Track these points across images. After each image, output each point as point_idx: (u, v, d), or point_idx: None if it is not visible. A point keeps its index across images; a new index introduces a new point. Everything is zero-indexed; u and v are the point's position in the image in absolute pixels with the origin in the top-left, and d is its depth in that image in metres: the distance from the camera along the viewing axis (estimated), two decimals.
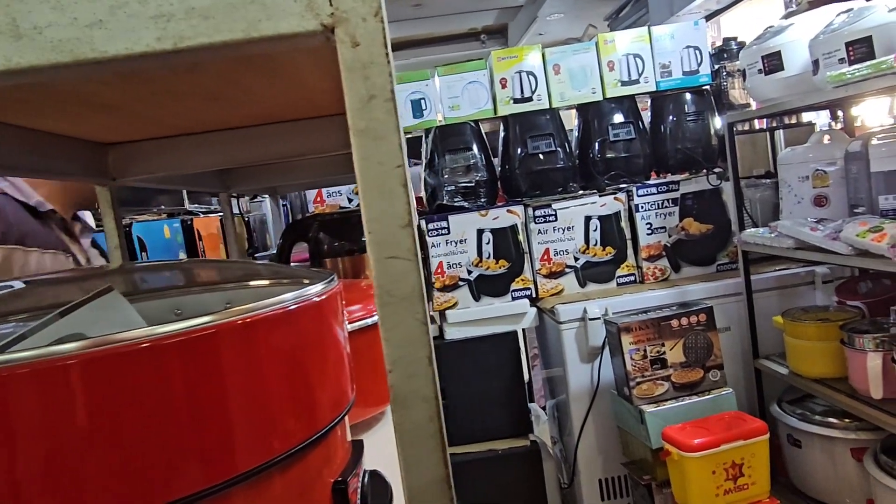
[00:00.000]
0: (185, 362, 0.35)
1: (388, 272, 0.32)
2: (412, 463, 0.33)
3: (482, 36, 8.50)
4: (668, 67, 2.45)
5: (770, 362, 2.10)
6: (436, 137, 2.45)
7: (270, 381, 0.40)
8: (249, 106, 0.70)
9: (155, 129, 0.82)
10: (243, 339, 0.40)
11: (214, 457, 0.36)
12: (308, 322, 0.42)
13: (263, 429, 0.38)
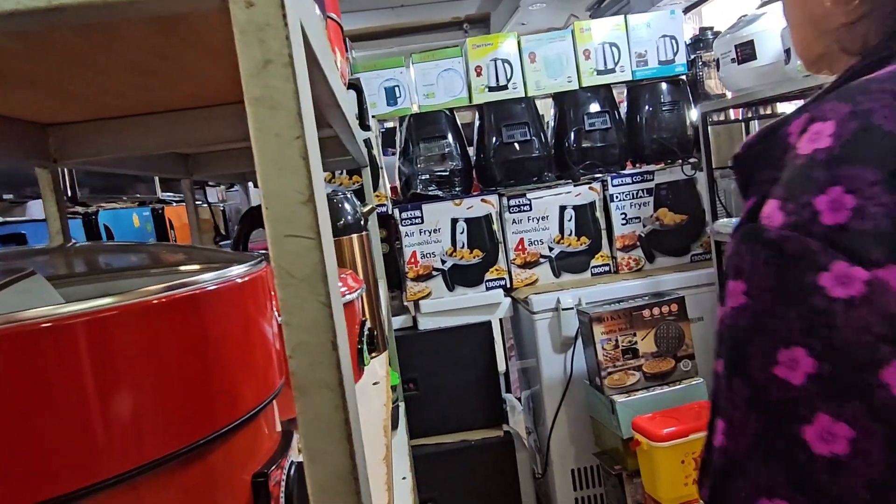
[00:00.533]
0: (76, 346, 0.33)
1: (287, 251, 0.30)
2: (316, 455, 0.31)
3: (465, 25, 8.45)
4: (644, 57, 2.44)
5: None
6: (410, 125, 2.42)
7: (176, 367, 0.37)
8: (189, 84, 0.67)
9: (95, 110, 0.78)
10: (147, 321, 0.37)
11: (111, 446, 0.34)
12: (225, 305, 0.40)
13: (166, 418, 0.36)
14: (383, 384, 0.94)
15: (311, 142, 0.32)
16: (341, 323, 0.34)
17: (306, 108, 0.32)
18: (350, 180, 2.31)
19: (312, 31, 0.42)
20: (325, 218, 0.33)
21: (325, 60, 0.52)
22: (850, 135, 0.45)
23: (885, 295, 0.41)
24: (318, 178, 0.33)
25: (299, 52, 0.32)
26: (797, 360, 0.43)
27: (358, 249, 1.13)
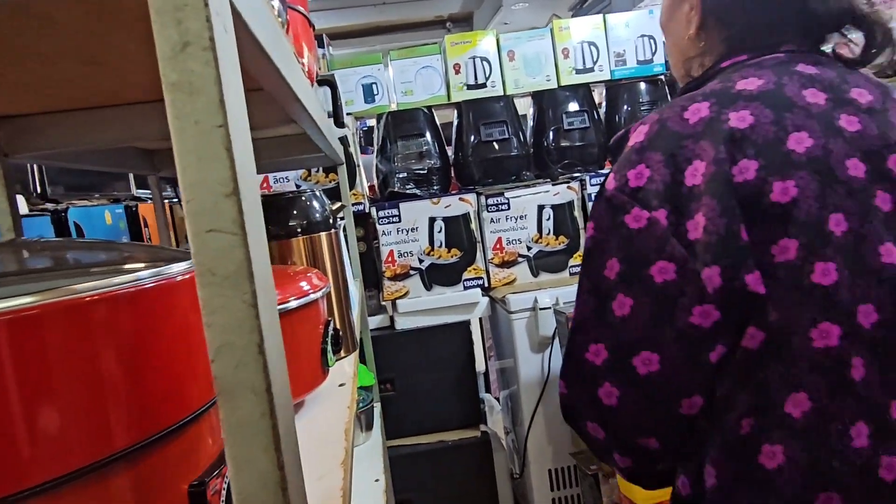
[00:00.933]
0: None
1: (209, 247, 0.28)
2: (241, 463, 0.29)
3: (448, 24, 8.43)
4: (622, 56, 2.44)
5: None
6: (388, 123, 2.40)
7: (104, 369, 0.35)
8: (139, 75, 0.65)
9: (46, 102, 0.76)
10: (71, 321, 0.35)
11: (34, 454, 0.32)
12: (160, 304, 0.38)
13: (94, 423, 0.34)
14: (349, 385, 0.92)
15: (237, 131, 0.30)
16: (272, 324, 0.32)
17: (232, 96, 0.30)
18: (326, 178, 2.28)
19: (253, 18, 0.40)
20: (255, 212, 0.31)
21: (274, 50, 0.49)
22: (653, 133, 0.72)
23: (655, 225, 0.69)
24: (246, 171, 0.31)
25: (225, 36, 0.30)
26: (612, 265, 0.71)
27: (326, 247, 1.11)
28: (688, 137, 0.69)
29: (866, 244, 0.65)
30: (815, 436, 0.64)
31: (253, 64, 0.49)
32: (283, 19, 0.74)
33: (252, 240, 0.30)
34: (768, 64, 0.76)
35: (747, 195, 0.66)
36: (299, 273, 0.88)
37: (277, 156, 1.56)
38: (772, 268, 0.66)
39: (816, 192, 0.66)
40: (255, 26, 0.41)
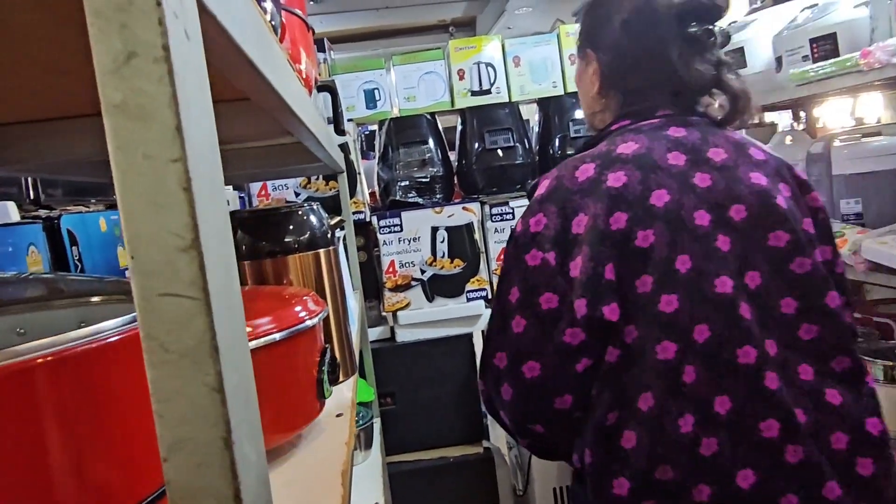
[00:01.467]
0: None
1: (160, 316, 0.22)
2: None
3: (451, 28, 8.38)
4: None
5: None
6: (390, 130, 2.33)
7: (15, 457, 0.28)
8: None
9: (19, 113, 0.69)
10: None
11: None
12: (90, 372, 0.31)
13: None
14: (347, 416, 0.85)
15: (200, 166, 0.24)
16: (245, 410, 0.26)
17: (195, 121, 0.24)
18: (326, 186, 2.22)
19: (232, 19, 0.34)
20: (222, 269, 0.25)
21: (261, 57, 0.43)
22: (552, 188, 0.91)
23: (546, 264, 0.87)
24: (211, 216, 0.24)
25: (186, 44, 0.24)
26: (514, 292, 0.90)
27: (325, 266, 1.04)
28: (576, 193, 0.89)
29: (705, 278, 0.85)
30: (656, 424, 0.84)
31: (235, 72, 0.43)
32: (277, 23, 0.68)
33: (219, 305, 0.24)
34: (645, 129, 0.93)
35: (619, 240, 0.85)
36: (294, 296, 0.81)
37: (275, 165, 1.50)
38: (634, 297, 0.85)
39: (668, 239, 0.85)
40: (234, 29, 0.35)
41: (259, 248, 1.00)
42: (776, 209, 0.88)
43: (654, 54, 0.94)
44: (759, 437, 0.83)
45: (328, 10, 6.67)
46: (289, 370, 0.73)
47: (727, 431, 0.83)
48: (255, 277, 1.00)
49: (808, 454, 0.83)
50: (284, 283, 1.00)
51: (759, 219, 0.87)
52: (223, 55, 0.37)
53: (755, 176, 0.89)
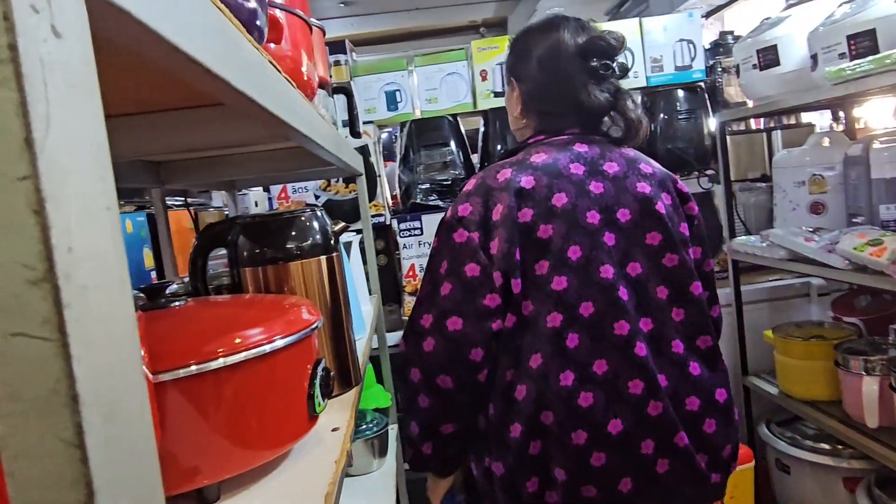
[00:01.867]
0: None
1: (10, 359, 0.19)
2: None
3: (481, 29, 8.32)
4: (659, 62, 2.30)
5: (759, 380, 1.96)
6: (411, 131, 2.31)
7: None
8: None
9: None
10: None
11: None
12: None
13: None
14: (343, 431, 0.82)
15: (62, 184, 0.20)
16: (129, 467, 0.22)
17: (59, 132, 0.20)
18: (346, 188, 2.20)
19: (159, 16, 0.31)
20: (108, 302, 0.22)
21: (219, 60, 0.40)
22: (477, 185, 1.10)
23: (472, 241, 1.05)
24: (85, 241, 0.21)
25: (52, 43, 0.21)
26: (443, 265, 1.07)
27: (326, 273, 1.01)
28: (496, 189, 1.07)
29: (592, 265, 1.05)
30: (542, 379, 1.04)
31: (188, 76, 0.40)
32: (263, 23, 0.65)
33: (82, 346, 0.20)
34: (555, 144, 1.13)
35: (524, 230, 1.05)
36: (284, 307, 0.78)
37: (287, 168, 1.48)
38: (533, 278, 1.05)
39: (563, 233, 1.05)
40: (165, 28, 0.32)
41: (259, 255, 0.97)
42: (655, 213, 1.08)
43: (562, 84, 1.13)
44: (627, 394, 1.04)
45: (358, 13, 6.69)
46: (273, 385, 0.70)
47: (602, 388, 1.03)
48: (255, 285, 0.97)
49: (666, 410, 1.04)
50: (285, 291, 0.98)
51: (641, 221, 1.08)
52: (160, 58, 0.34)
53: (641, 186, 1.10)
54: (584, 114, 1.13)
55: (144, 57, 0.34)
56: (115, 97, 0.59)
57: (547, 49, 1.14)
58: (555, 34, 1.14)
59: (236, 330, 0.67)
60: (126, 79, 0.53)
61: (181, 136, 0.76)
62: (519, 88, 1.19)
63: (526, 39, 1.20)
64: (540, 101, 1.16)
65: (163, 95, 0.63)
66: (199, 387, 0.66)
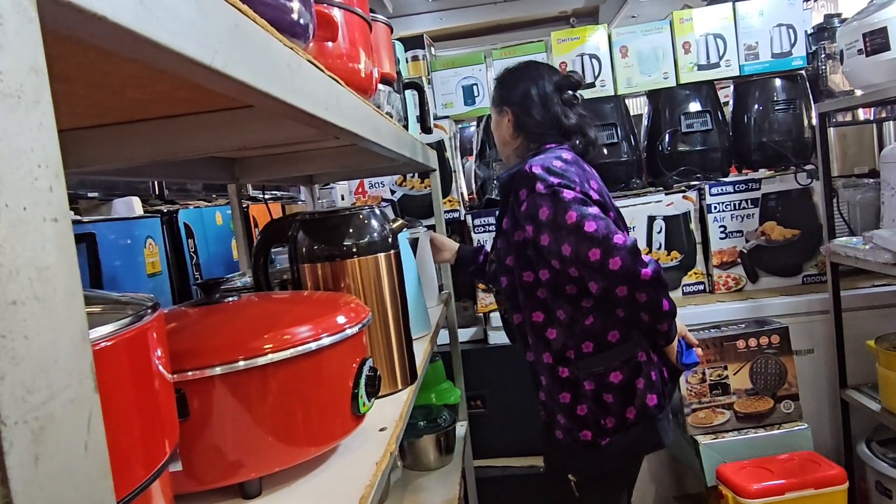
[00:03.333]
0: None
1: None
2: None
3: (572, 19, 8.14)
4: (754, 49, 2.15)
5: (860, 394, 1.80)
6: (487, 126, 2.27)
7: None
8: (134, 90, 0.58)
9: (87, 117, 0.71)
10: None
11: None
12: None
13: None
14: (391, 432, 0.82)
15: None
16: (44, 486, 0.22)
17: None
18: (422, 183, 2.20)
19: (149, 22, 0.30)
20: (18, 319, 0.21)
21: (236, 63, 0.40)
22: (567, 160, 1.39)
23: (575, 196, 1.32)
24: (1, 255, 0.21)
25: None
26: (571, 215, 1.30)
27: (385, 270, 1.01)
28: (571, 164, 1.36)
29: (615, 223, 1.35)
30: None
31: (200, 80, 0.40)
32: (307, 21, 0.64)
33: (2, 363, 0.20)
34: (557, 148, 1.44)
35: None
36: (333, 305, 0.79)
37: (358, 163, 1.49)
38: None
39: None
40: (162, 34, 0.31)
41: (316, 252, 0.98)
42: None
43: (546, 109, 1.46)
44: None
45: (446, 7, 6.71)
46: (317, 383, 0.70)
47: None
48: (312, 281, 0.98)
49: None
50: (342, 288, 0.98)
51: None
52: (157, 61, 0.34)
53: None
54: (562, 132, 1.46)
55: (144, 61, 0.34)
56: (142, 99, 0.60)
57: (532, 81, 1.48)
58: (535, 72, 1.50)
59: (282, 328, 0.68)
60: (160, 81, 0.54)
61: (211, 138, 0.77)
62: (511, 113, 1.49)
63: (513, 77, 1.53)
64: (526, 126, 1.47)
65: (197, 97, 0.64)
66: (244, 382, 0.67)
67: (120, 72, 0.49)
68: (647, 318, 1.27)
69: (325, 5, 0.83)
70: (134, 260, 1.72)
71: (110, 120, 0.75)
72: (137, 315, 0.40)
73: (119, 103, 0.62)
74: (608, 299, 1.28)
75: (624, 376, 1.31)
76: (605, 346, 1.32)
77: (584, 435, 1.34)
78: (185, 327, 0.73)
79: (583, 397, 1.34)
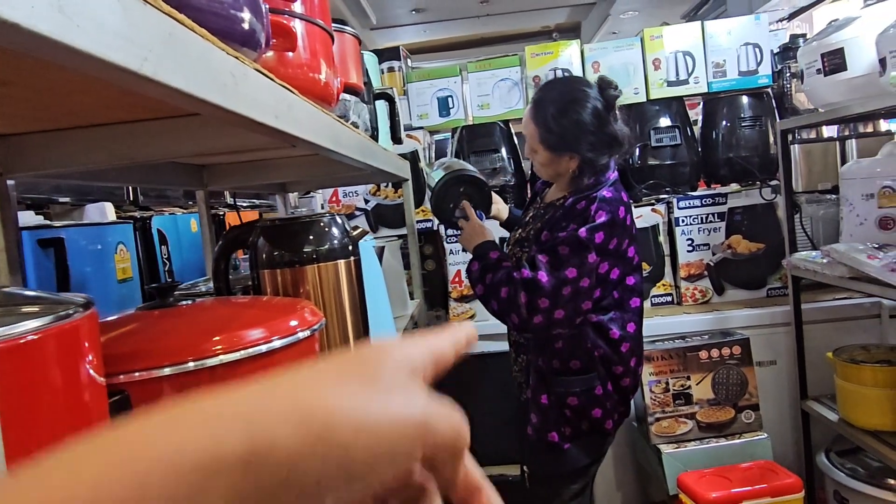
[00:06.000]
0: None
1: None
2: None
3: (554, 34, 8.24)
4: (722, 67, 2.21)
5: (820, 405, 1.83)
6: (462, 138, 2.31)
7: None
8: (81, 96, 0.59)
9: (37, 123, 0.73)
10: None
11: None
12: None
13: None
14: None
15: None
16: None
17: None
18: (395, 193, 2.22)
19: (69, 30, 0.32)
20: None
21: (171, 72, 0.41)
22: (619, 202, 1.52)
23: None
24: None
25: None
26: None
27: (345, 276, 1.03)
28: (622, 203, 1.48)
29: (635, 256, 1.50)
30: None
31: (120, 81, 0.41)
32: (259, 29, 0.66)
33: None
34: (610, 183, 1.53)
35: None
36: (286, 309, 0.80)
37: (327, 172, 1.51)
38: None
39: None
40: (59, 30, 0.33)
41: (276, 258, 1.00)
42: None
43: (603, 134, 1.49)
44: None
45: (430, 20, 6.77)
46: None
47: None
48: (272, 287, 1.00)
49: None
50: (301, 294, 1.00)
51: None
52: (86, 69, 0.36)
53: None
54: (617, 144, 1.51)
55: (71, 68, 0.36)
56: (93, 104, 0.62)
57: (590, 118, 1.48)
58: (584, 101, 1.49)
59: (233, 330, 0.69)
60: (106, 87, 0.56)
61: (165, 144, 0.78)
62: (579, 159, 1.48)
63: (567, 120, 1.49)
64: (594, 161, 1.49)
65: (148, 103, 0.65)
66: (193, 384, 0.68)
67: (61, 77, 0.50)
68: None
69: (284, 16, 0.85)
70: (104, 266, 1.71)
71: (65, 125, 0.77)
72: (65, 314, 0.42)
73: (71, 108, 0.64)
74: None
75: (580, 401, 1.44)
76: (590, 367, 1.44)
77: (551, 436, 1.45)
78: (137, 330, 0.74)
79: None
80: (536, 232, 1.50)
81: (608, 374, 1.43)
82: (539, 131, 1.51)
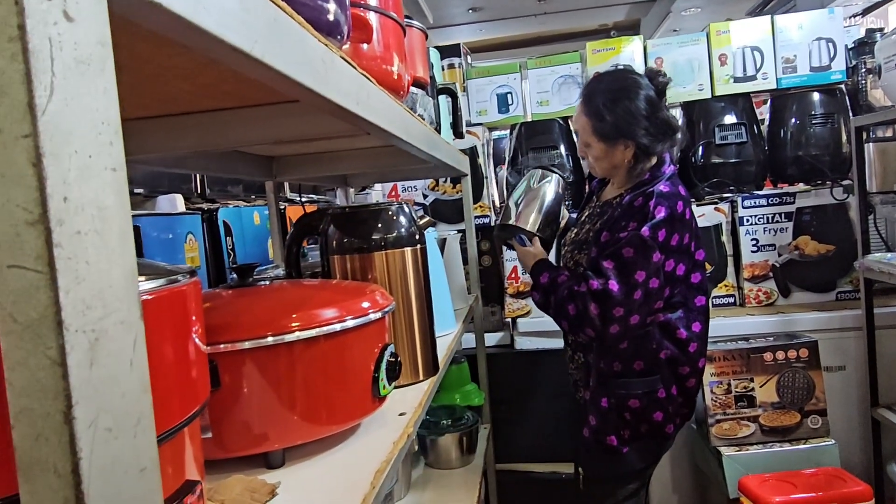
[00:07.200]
0: None
1: (9, 287, 0.22)
2: None
3: (612, 32, 8.11)
4: (792, 62, 2.14)
5: (892, 413, 1.76)
6: (520, 134, 2.31)
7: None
8: (180, 82, 0.63)
9: (136, 108, 0.77)
10: None
11: None
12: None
13: None
14: (409, 416, 0.85)
15: (55, 144, 0.24)
16: (111, 387, 0.26)
17: (62, 99, 0.24)
18: (454, 188, 2.24)
19: (195, 9, 0.35)
20: (80, 244, 0.25)
21: (281, 57, 0.44)
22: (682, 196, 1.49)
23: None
24: (82, 192, 0.25)
25: (62, 25, 0.24)
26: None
27: (411, 264, 1.05)
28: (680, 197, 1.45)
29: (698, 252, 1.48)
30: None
31: (243, 68, 0.44)
32: (342, 20, 0.69)
33: (68, 280, 0.24)
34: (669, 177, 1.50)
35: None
36: (358, 291, 0.83)
37: (391, 164, 1.54)
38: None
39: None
40: (207, 21, 0.36)
41: (345, 244, 1.03)
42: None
43: (656, 119, 1.46)
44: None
45: (486, 18, 6.77)
46: (340, 363, 0.74)
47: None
48: (341, 272, 1.03)
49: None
50: (369, 279, 1.02)
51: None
52: (202, 47, 0.39)
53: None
54: (672, 133, 1.50)
55: (192, 47, 0.39)
56: (189, 91, 0.65)
57: (643, 105, 1.46)
58: (635, 90, 1.47)
59: (309, 309, 0.72)
60: (205, 73, 0.59)
61: (255, 130, 0.81)
62: (634, 146, 1.47)
63: (619, 107, 1.47)
64: (650, 148, 1.47)
65: (241, 90, 0.68)
66: (271, 357, 0.72)
67: (168, 63, 0.54)
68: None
69: (361, 9, 0.88)
70: (175, 254, 1.79)
71: (158, 112, 0.81)
72: (176, 278, 0.45)
73: (167, 95, 0.67)
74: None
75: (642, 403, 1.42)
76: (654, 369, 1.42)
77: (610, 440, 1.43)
78: (220, 306, 0.78)
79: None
80: (595, 233, 1.48)
81: (673, 375, 1.40)
82: (592, 122, 1.48)
